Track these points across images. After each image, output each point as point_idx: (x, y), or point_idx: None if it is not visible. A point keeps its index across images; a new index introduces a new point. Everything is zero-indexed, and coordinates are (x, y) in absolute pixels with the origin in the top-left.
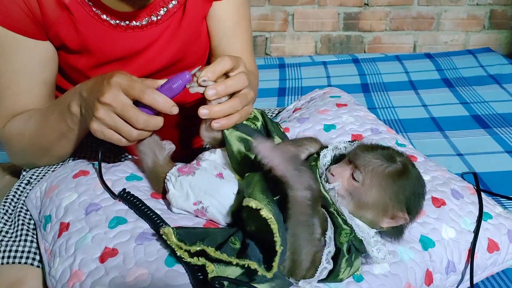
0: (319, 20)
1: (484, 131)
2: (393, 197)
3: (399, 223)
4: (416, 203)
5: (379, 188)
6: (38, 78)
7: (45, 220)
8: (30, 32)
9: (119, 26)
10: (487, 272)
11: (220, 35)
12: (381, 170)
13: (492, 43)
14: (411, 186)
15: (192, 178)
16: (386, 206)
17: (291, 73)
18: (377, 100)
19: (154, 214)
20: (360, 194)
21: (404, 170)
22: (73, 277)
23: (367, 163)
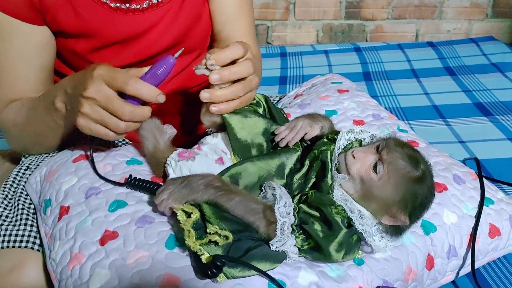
0: (320, 9)
1: (486, 118)
2: (402, 201)
3: (397, 223)
4: (419, 213)
5: (393, 188)
6: (35, 63)
7: (45, 204)
8: (26, 17)
9: (119, 9)
10: (488, 257)
11: (223, 19)
12: (403, 173)
13: (495, 32)
14: (422, 197)
15: (192, 163)
16: (392, 206)
17: (293, 62)
18: (379, 88)
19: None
20: (372, 186)
21: (422, 178)
22: (73, 259)
23: (393, 160)
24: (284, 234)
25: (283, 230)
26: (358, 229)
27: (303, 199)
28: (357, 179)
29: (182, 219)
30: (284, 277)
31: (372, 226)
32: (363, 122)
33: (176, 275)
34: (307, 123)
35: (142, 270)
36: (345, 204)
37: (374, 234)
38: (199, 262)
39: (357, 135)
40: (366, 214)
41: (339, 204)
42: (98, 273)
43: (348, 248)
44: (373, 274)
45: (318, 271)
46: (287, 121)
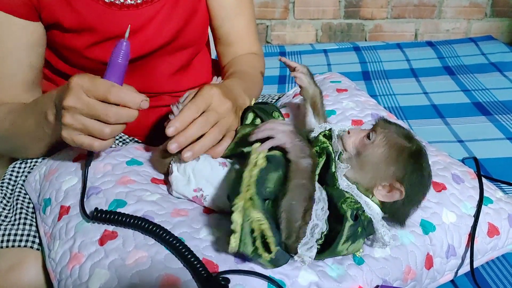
0: (320, 8)
1: (485, 118)
2: (395, 168)
3: (394, 198)
4: (416, 188)
5: (386, 152)
6: (24, 62)
7: (45, 203)
8: (21, 12)
9: (113, 4)
10: (487, 257)
11: (222, 14)
12: (395, 138)
13: (494, 31)
14: (416, 168)
15: (196, 164)
16: (386, 173)
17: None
18: (378, 87)
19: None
20: (366, 152)
21: (416, 152)
22: (72, 259)
23: (385, 128)
24: (313, 237)
25: (313, 232)
26: (367, 213)
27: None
28: (353, 153)
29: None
30: (284, 277)
31: (377, 214)
32: (361, 122)
33: (176, 276)
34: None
35: (141, 270)
36: (352, 191)
37: (379, 227)
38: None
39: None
40: (372, 205)
41: (346, 191)
42: (98, 273)
43: (354, 239)
44: (373, 274)
45: (318, 271)
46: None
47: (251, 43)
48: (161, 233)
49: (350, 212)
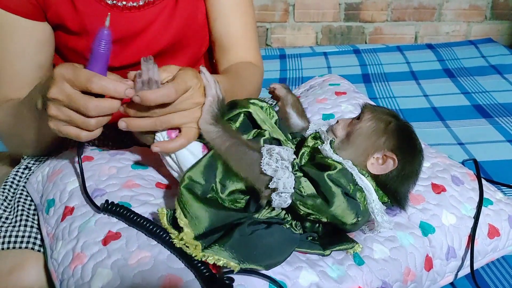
0: (320, 11)
1: (485, 120)
2: (385, 138)
3: (388, 168)
4: (410, 158)
5: (374, 124)
6: (34, 61)
7: (48, 204)
8: (27, 13)
9: (116, 6)
10: (487, 258)
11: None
12: (381, 114)
13: (494, 34)
14: (406, 138)
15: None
16: (376, 143)
17: (292, 64)
18: (378, 90)
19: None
20: (355, 128)
21: (403, 125)
22: (75, 259)
23: (372, 108)
24: (272, 156)
25: (271, 152)
26: (359, 183)
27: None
28: (343, 135)
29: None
30: (285, 278)
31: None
32: None
33: (178, 276)
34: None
35: (144, 270)
36: (345, 163)
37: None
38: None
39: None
40: (365, 180)
41: (339, 162)
42: (100, 273)
43: (346, 192)
44: (373, 275)
45: (319, 271)
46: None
47: (249, 51)
48: (162, 235)
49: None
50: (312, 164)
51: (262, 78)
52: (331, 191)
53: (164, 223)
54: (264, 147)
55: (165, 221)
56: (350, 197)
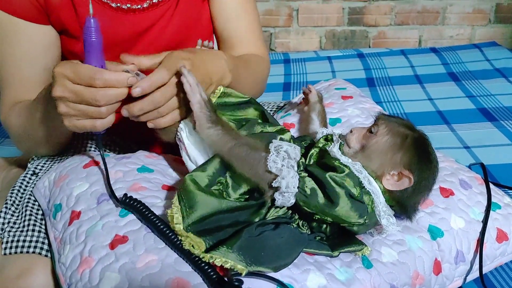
0: (323, 15)
1: (491, 124)
2: (402, 155)
3: (403, 185)
4: (425, 175)
5: (390, 140)
6: (40, 64)
7: (55, 209)
8: (31, 17)
9: (120, 9)
10: (496, 262)
11: (224, 17)
12: (397, 127)
13: (498, 37)
14: (423, 154)
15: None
16: (392, 160)
17: (296, 68)
18: (382, 94)
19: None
20: (370, 142)
21: (421, 139)
22: (83, 263)
23: (386, 120)
24: (279, 153)
25: (278, 149)
26: (366, 187)
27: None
28: (357, 147)
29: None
30: (293, 281)
31: (378, 195)
32: None
33: (186, 279)
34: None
35: (151, 273)
36: (352, 166)
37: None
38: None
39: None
40: (373, 183)
41: (346, 165)
42: (108, 277)
43: (351, 195)
44: (381, 278)
45: (327, 274)
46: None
47: (255, 46)
48: (172, 237)
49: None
50: (319, 164)
51: (268, 69)
52: (335, 191)
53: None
54: (272, 144)
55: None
56: (355, 199)
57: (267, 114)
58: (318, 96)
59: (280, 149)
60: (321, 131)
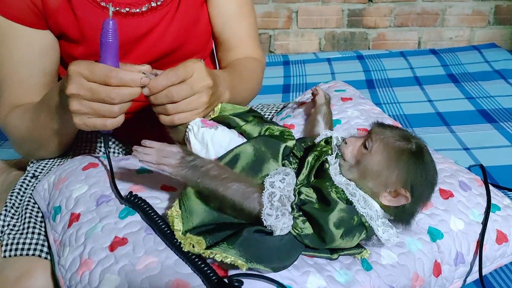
0: (323, 17)
1: (491, 125)
2: (398, 172)
3: (400, 202)
4: (423, 188)
5: (385, 158)
6: (38, 68)
7: (55, 211)
8: (29, 21)
9: (119, 13)
10: (495, 264)
11: (222, 21)
12: (392, 142)
13: (497, 39)
14: (420, 168)
15: (215, 132)
16: (389, 179)
17: (296, 70)
18: (382, 96)
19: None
20: (365, 161)
21: (417, 150)
22: (83, 265)
23: (380, 133)
24: (273, 205)
25: (271, 200)
26: (360, 211)
27: (304, 183)
28: (352, 162)
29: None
30: (292, 283)
31: (376, 213)
32: (367, 130)
33: (186, 281)
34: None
35: (151, 275)
36: (346, 189)
37: (379, 225)
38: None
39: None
40: (370, 201)
41: (338, 187)
42: (108, 279)
43: (348, 228)
44: (381, 280)
45: (327, 276)
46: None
47: (252, 48)
48: (172, 238)
49: (338, 197)
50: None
51: (263, 72)
52: (332, 233)
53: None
54: (265, 193)
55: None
56: (351, 230)
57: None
58: (326, 98)
59: (274, 199)
60: (324, 133)
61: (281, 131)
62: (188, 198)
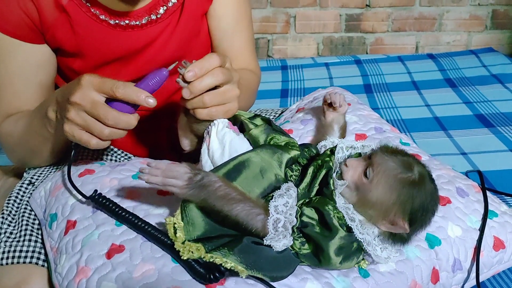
0: (321, 22)
1: (488, 130)
2: (398, 205)
3: (398, 230)
4: (422, 218)
5: (386, 191)
6: (34, 81)
7: (51, 219)
8: (26, 36)
9: (118, 26)
10: (493, 270)
11: (220, 33)
12: (393, 173)
13: (495, 43)
14: (420, 198)
15: (235, 137)
16: (388, 210)
17: (294, 75)
18: (380, 100)
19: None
20: (366, 191)
21: (418, 181)
22: (79, 273)
23: (382, 162)
24: (277, 231)
25: (276, 227)
26: (358, 237)
27: (306, 202)
28: (352, 186)
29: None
30: None
31: (373, 235)
32: (365, 136)
33: None
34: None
35: (148, 283)
36: (346, 213)
37: (376, 244)
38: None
39: (358, 150)
40: (367, 224)
41: (340, 211)
42: (105, 286)
43: (347, 254)
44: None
45: (324, 283)
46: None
47: (248, 61)
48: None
49: (339, 223)
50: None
51: (258, 84)
52: (330, 260)
53: (171, 233)
54: (270, 219)
55: (172, 231)
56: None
57: (274, 125)
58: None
59: (278, 225)
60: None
61: (286, 142)
62: (190, 210)
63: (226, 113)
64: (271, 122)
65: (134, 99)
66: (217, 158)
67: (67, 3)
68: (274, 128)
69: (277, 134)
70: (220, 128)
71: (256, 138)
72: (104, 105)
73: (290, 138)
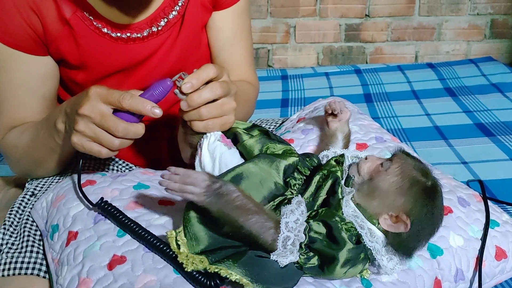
0: (320, 32)
1: (488, 139)
2: (405, 199)
3: (399, 229)
4: (424, 225)
5: (398, 181)
6: (37, 93)
7: (52, 230)
8: (30, 49)
9: (120, 39)
10: (495, 280)
11: (219, 45)
12: (410, 170)
13: (494, 52)
14: (428, 205)
15: (226, 151)
16: (394, 202)
17: (294, 85)
18: (380, 110)
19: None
20: (379, 178)
21: (431, 189)
22: (81, 284)
23: (402, 159)
24: (286, 248)
25: (285, 244)
26: (367, 245)
27: (313, 215)
28: (366, 177)
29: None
30: None
31: (382, 244)
32: (366, 145)
33: None
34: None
35: None
36: (355, 221)
37: (383, 254)
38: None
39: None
40: (376, 233)
41: (349, 221)
42: None
43: (353, 264)
44: None
45: None
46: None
47: (246, 73)
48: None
49: (348, 236)
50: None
51: (256, 96)
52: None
53: (173, 247)
54: (280, 236)
55: (175, 244)
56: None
57: (271, 134)
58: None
59: (288, 242)
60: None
61: (284, 150)
62: (192, 225)
63: (223, 126)
64: (268, 133)
65: (140, 110)
66: (208, 171)
67: (71, 16)
68: (271, 138)
69: (273, 143)
70: (212, 141)
71: (251, 148)
72: (113, 117)
73: (287, 145)
